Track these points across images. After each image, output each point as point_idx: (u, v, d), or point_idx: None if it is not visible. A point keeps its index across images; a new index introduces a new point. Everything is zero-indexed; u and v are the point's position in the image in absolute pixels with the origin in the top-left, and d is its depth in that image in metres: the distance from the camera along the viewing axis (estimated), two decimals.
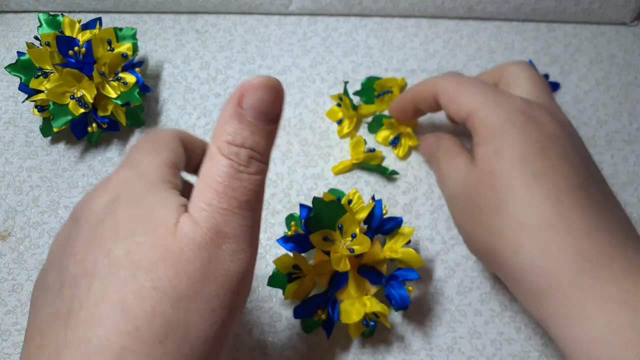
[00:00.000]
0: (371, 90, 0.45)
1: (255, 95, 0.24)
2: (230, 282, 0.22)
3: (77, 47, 0.40)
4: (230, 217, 0.22)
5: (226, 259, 0.22)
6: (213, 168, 0.22)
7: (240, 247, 0.22)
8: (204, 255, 0.21)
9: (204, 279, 0.21)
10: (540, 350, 0.37)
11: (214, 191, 0.22)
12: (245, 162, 0.22)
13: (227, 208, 0.22)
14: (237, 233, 0.22)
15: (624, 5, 0.49)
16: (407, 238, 0.35)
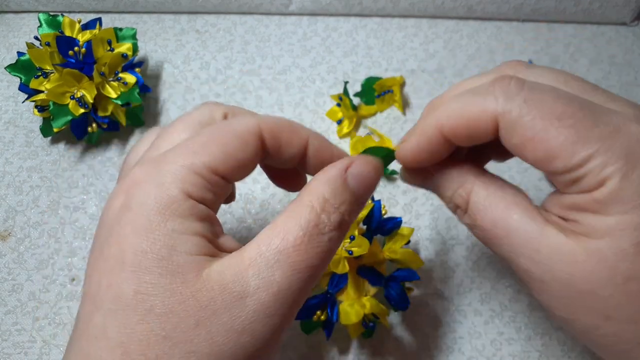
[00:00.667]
0: (371, 91, 0.45)
1: (363, 166, 0.22)
2: (253, 346, 0.19)
3: (77, 47, 0.40)
4: (289, 276, 0.19)
5: (259, 318, 0.19)
6: (295, 218, 0.20)
7: (278, 312, 0.19)
8: (236, 310, 0.18)
9: (225, 336, 0.18)
10: (540, 350, 0.37)
11: (287, 243, 0.19)
12: (334, 225, 0.21)
13: (292, 266, 0.19)
14: (285, 295, 0.19)
15: (624, 5, 0.49)
16: (407, 239, 0.35)
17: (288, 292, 0.19)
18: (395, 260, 0.35)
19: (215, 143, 0.21)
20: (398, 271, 0.34)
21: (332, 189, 0.21)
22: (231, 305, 0.18)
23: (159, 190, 0.19)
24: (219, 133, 0.21)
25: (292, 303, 0.19)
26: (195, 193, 0.20)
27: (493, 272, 0.39)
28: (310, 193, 0.21)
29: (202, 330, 0.18)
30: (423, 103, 0.46)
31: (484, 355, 0.37)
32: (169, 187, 0.19)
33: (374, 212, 0.35)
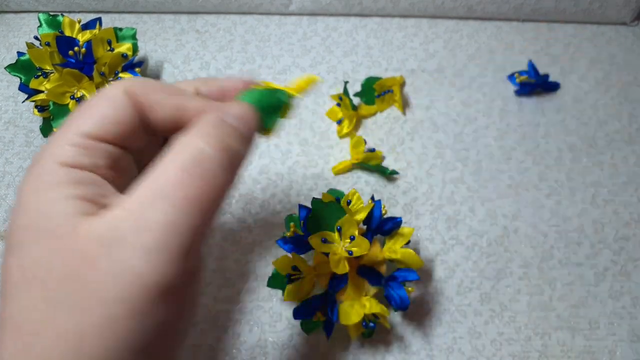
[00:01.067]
0: (371, 91, 0.45)
1: (238, 107, 0.23)
2: (142, 288, 0.18)
3: (77, 47, 0.40)
4: (167, 212, 0.18)
5: (138, 258, 0.18)
6: (172, 156, 0.20)
7: (162, 249, 0.18)
8: (113, 255, 0.18)
9: (107, 282, 0.18)
10: (540, 350, 0.37)
11: (161, 181, 0.19)
12: (216, 152, 0.20)
13: (169, 202, 0.19)
14: (165, 231, 0.18)
15: (624, 5, 0.49)
16: (407, 238, 0.35)
17: (170, 229, 0.18)
18: (395, 260, 0.35)
19: (85, 110, 0.22)
20: (398, 271, 0.34)
21: (211, 124, 0.21)
22: (108, 251, 0.18)
23: (36, 167, 0.20)
24: (89, 101, 0.22)
25: (179, 239, 0.18)
26: (68, 160, 0.20)
27: (493, 272, 0.39)
28: (191, 130, 0.21)
29: (82, 281, 0.18)
30: (423, 103, 0.46)
31: (484, 355, 0.37)
32: (44, 162, 0.20)
33: (374, 212, 0.35)
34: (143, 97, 0.22)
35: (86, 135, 0.21)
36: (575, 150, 0.44)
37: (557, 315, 0.38)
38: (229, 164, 0.20)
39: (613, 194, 0.43)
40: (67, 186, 0.20)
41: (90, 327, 0.18)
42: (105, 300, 0.18)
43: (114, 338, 0.18)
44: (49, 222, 0.19)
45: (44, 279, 0.18)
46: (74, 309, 0.18)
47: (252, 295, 0.38)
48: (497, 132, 0.45)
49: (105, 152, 0.21)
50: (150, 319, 0.18)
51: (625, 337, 0.38)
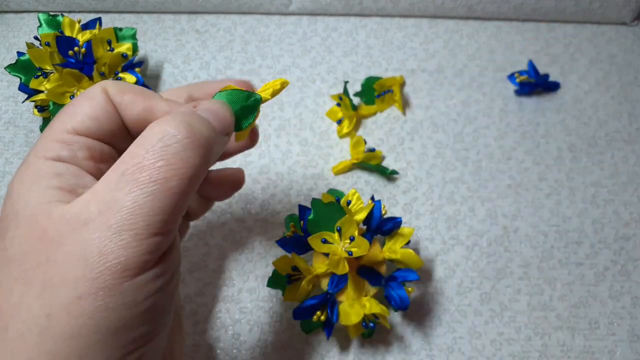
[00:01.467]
0: (371, 91, 0.45)
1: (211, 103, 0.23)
2: (110, 267, 0.18)
3: (77, 47, 0.40)
4: (133, 193, 0.19)
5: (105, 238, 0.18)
6: (139, 141, 0.20)
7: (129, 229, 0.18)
8: (81, 236, 0.19)
9: (74, 262, 0.18)
10: (540, 350, 0.37)
11: (128, 164, 0.19)
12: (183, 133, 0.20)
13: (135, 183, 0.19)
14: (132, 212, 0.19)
15: (624, 5, 0.49)
16: (407, 239, 0.35)
17: (134, 210, 0.19)
18: (395, 260, 0.35)
19: (65, 109, 0.23)
20: (398, 271, 0.34)
21: (181, 112, 0.21)
22: (76, 232, 0.19)
23: (22, 164, 0.22)
24: (69, 102, 0.23)
25: (143, 220, 0.19)
26: (49, 154, 0.21)
27: (493, 272, 0.39)
28: (159, 119, 0.21)
29: (52, 261, 0.18)
30: (423, 103, 0.46)
31: (484, 355, 0.37)
32: (28, 158, 0.22)
33: (374, 212, 0.35)
34: (116, 97, 0.23)
35: (66, 130, 0.22)
36: (575, 150, 0.44)
37: (557, 315, 0.38)
38: (196, 146, 0.20)
39: (613, 194, 0.43)
40: (47, 178, 0.21)
41: (58, 306, 0.18)
42: (71, 280, 0.18)
43: (82, 317, 0.18)
44: (28, 209, 0.20)
45: (21, 261, 0.19)
46: (44, 289, 0.18)
47: (252, 295, 0.38)
48: (497, 132, 0.45)
49: (84, 145, 0.22)
50: (115, 299, 0.19)
51: (625, 337, 0.38)
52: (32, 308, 0.18)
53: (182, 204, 0.20)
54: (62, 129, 0.22)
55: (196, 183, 0.21)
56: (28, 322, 0.18)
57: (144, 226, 0.19)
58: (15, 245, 0.20)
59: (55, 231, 0.19)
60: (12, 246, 0.20)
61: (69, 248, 0.19)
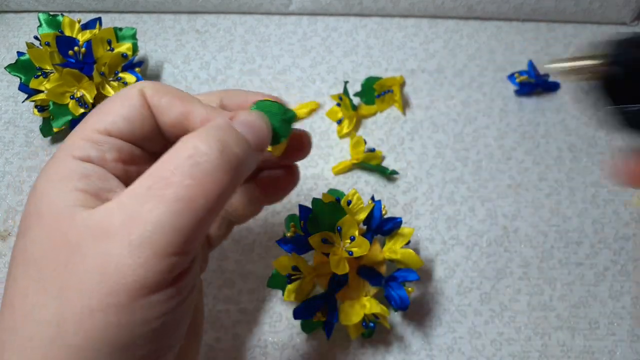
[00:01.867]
0: (371, 91, 0.45)
1: (249, 115, 0.22)
2: (128, 281, 0.18)
3: (77, 47, 0.40)
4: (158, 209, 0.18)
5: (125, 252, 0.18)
6: (169, 154, 0.20)
7: (149, 247, 0.18)
8: (102, 246, 0.18)
9: (93, 272, 0.18)
10: (540, 350, 0.37)
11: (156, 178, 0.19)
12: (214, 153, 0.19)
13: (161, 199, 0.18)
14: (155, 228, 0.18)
15: (624, 5, 0.49)
16: (407, 239, 0.35)
17: (157, 227, 0.18)
18: (395, 260, 0.35)
19: (99, 108, 0.22)
20: (398, 271, 0.34)
21: (216, 126, 0.20)
22: (97, 242, 0.18)
23: (50, 161, 0.21)
24: (105, 101, 0.23)
25: (165, 238, 0.18)
26: (78, 153, 0.21)
27: (493, 272, 0.39)
28: (192, 133, 0.20)
29: (69, 269, 0.18)
30: (423, 103, 0.46)
31: (484, 355, 0.37)
32: (57, 155, 0.21)
33: (374, 212, 0.35)
34: (153, 99, 0.23)
35: (97, 130, 0.22)
36: (575, 150, 0.44)
37: (557, 315, 0.38)
38: (227, 166, 0.20)
39: (613, 194, 0.43)
40: (73, 178, 0.20)
41: (71, 316, 0.18)
42: (86, 291, 0.18)
43: (92, 330, 0.18)
44: (51, 210, 0.20)
45: (39, 263, 0.19)
46: (58, 296, 0.18)
47: (252, 295, 0.38)
48: (497, 132, 0.45)
49: (115, 147, 0.22)
50: (127, 316, 0.18)
51: (625, 337, 0.38)
52: (44, 313, 0.18)
53: (206, 224, 0.20)
54: (93, 128, 0.22)
55: (223, 203, 0.20)
56: (39, 326, 0.18)
57: (165, 244, 0.18)
58: (35, 246, 0.19)
59: (76, 237, 0.19)
60: (33, 246, 0.19)
61: (87, 257, 0.18)
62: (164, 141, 0.24)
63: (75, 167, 0.21)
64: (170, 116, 0.23)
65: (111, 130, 0.22)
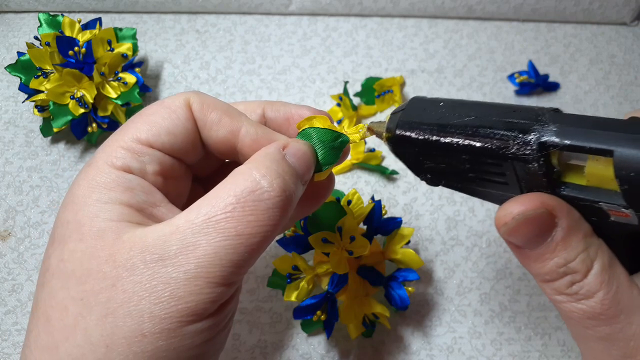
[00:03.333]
0: (371, 91, 0.45)
1: (299, 145, 0.22)
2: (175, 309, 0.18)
3: (77, 47, 0.40)
4: (216, 243, 0.18)
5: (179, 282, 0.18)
6: (231, 185, 0.19)
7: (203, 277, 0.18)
8: (154, 271, 0.18)
9: (142, 296, 0.18)
10: (540, 350, 0.37)
11: (216, 209, 0.19)
12: (276, 191, 0.19)
13: (220, 232, 0.18)
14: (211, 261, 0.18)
15: (624, 5, 0.49)
16: (407, 239, 0.35)
17: (214, 259, 0.18)
18: (395, 260, 0.35)
19: (142, 116, 0.22)
20: (398, 271, 0.34)
21: (272, 159, 0.20)
22: (148, 266, 0.18)
23: (90, 167, 0.21)
24: (148, 108, 0.22)
25: (220, 270, 0.18)
26: (119, 163, 0.21)
27: (493, 272, 0.39)
28: (250, 162, 0.20)
29: (119, 290, 0.18)
30: None
31: (484, 355, 0.37)
32: (97, 162, 0.21)
33: (374, 213, 0.35)
34: (200, 113, 0.22)
35: (138, 140, 0.21)
36: None
37: (557, 315, 0.38)
38: (283, 203, 0.20)
39: None
40: (115, 190, 0.20)
41: (120, 338, 0.18)
42: (138, 315, 0.18)
43: (141, 354, 0.18)
44: (93, 223, 0.19)
45: (81, 279, 0.18)
46: (106, 318, 0.18)
47: (252, 295, 0.38)
48: None
49: (156, 159, 0.22)
50: (176, 341, 0.18)
51: None
52: (90, 335, 0.18)
53: (257, 257, 0.20)
54: (134, 138, 0.21)
55: (275, 237, 0.21)
56: (84, 348, 0.18)
57: (220, 276, 0.18)
58: (76, 259, 0.19)
59: (125, 257, 0.18)
60: (72, 260, 0.19)
61: (139, 280, 0.18)
62: (203, 153, 0.24)
63: (117, 178, 0.20)
64: (219, 134, 0.22)
65: (154, 143, 0.22)
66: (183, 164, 0.23)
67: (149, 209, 0.21)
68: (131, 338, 0.18)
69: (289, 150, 0.22)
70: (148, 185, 0.21)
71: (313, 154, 0.23)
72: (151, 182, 0.21)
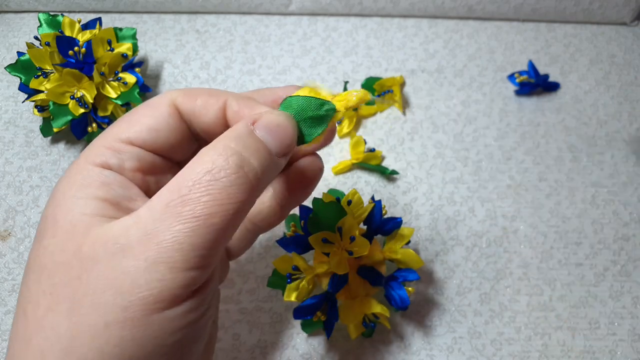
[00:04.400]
0: (371, 91, 0.45)
1: (273, 117, 0.21)
2: (141, 299, 0.18)
3: (77, 47, 0.40)
4: (175, 228, 0.18)
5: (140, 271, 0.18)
6: (189, 168, 0.19)
7: (165, 265, 0.18)
8: (116, 262, 0.18)
9: (106, 287, 0.18)
10: (540, 350, 0.37)
11: (174, 194, 0.19)
12: (232, 168, 0.19)
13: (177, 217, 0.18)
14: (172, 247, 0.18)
15: (624, 5, 0.49)
16: (407, 239, 0.35)
17: (173, 244, 0.18)
18: (395, 260, 0.35)
19: (126, 116, 0.22)
20: (398, 271, 0.34)
21: (234, 137, 0.20)
22: (111, 257, 0.18)
23: (72, 166, 0.21)
24: (134, 109, 0.23)
25: (182, 255, 0.18)
26: (98, 160, 0.21)
27: (493, 272, 0.39)
28: (215, 141, 0.20)
29: (84, 282, 0.18)
30: (423, 103, 0.46)
31: (484, 355, 0.37)
32: (79, 161, 0.21)
33: (374, 213, 0.35)
34: (186, 104, 0.22)
35: (119, 139, 0.22)
36: (575, 150, 0.44)
37: (557, 315, 0.38)
38: (245, 181, 0.19)
39: (613, 194, 0.43)
40: (91, 186, 0.20)
41: (84, 330, 0.18)
42: (101, 305, 0.18)
43: (105, 345, 0.18)
44: (67, 218, 0.20)
45: (52, 272, 0.19)
46: (72, 308, 0.18)
47: (252, 295, 0.38)
48: (497, 132, 0.45)
49: (135, 155, 0.22)
50: (142, 330, 0.18)
51: (625, 337, 0.38)
52: (57, 326, 0.18)
53: (223, 240, 0.20)
54: (115, 137, 0.22)
55: (240, 218, 0.20)
56: (51, 339, 0.18)
57: (181, 261, 0.18)
58: (48, 254, 0.19)
59: (91, 250, 0.19)
60: (46, 254, 0.19)
61: (102, 271, 0.18)
62: (191, 149, 0.24)
63: (94, 174, 0.21)
64: (209, 116, 0.22)
65: (134, 140, 0.22)
66: (168, 160, 0.24)
67: (125, 202, 0.21)
68: (95, 329, 0.18)
69: (259, 124, 0.21)
70: (125, 180, 0.21)
71: (290, 124, 0.22)
72: (129, 178, 0.22)
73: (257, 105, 0.23)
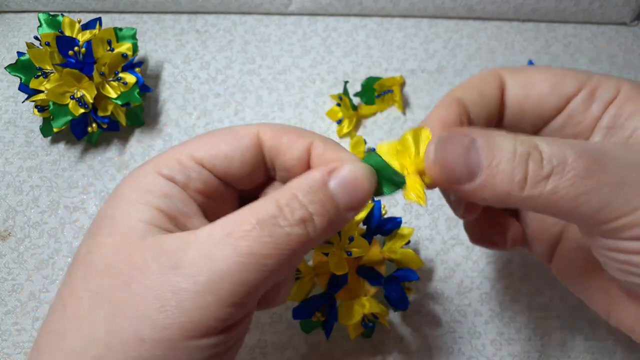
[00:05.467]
0: (371, 91, 0.45)
1: (351, 171, 0.21)
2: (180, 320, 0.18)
3: (77, 47, 0.40)
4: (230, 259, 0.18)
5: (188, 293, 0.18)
6: (255, 209, 0.19)
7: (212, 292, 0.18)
8: (165, 278, 0.18)
9: (150, 301, 0.18)
10: (540, 350, 0.37)
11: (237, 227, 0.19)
12: (295, 221, 0.19)
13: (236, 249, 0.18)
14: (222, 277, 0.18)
15: (624, 5, 0.49)
16: (407, 239, 0.35)
17: (225, 274, 0.18)
18: (395, 260, 0.35)
19: (208, 136, 0.22)
20: (398, 271, 0.34)
21: (306, 187, 0.20)
22: (162, 272, 0.18)
23: (139, 169, 0.21)
24: (218, 131, 0.23)
25: (231, 288, 0.18)
26: (165, 171, 0.21)
27: (493, 272, 0.39)
28: (282, 189, 0.20)
29: (131, 291, 0.18)
30: (423, 103, 0.46)
31: (484, 355, 0.37)
32: (146, 167, 0.21)
33: (373, 212, 0.35)
34: (273, 140, 0.22)
35: (193, 157, 0.22)
36: None
37: (557, 316, 0.38)
38: (304, 234, 0.20)
39: None
40: (154, 194, 0.20)
41: (119, 340, 0.18)
42: (142, 319, 0.18)
43: (137, 359, 0.18)
44: (123, 222, 0.20)
45: (101, 273, 0.19)
46: (113, 314, 0.18)
47: None
48: None
49: (202, 177, 0.22)
50: (173, 354, 0.18)
51: (625, 337, 0.38)
52: (95, 331, 0.18)
53: (270, 282, 0.20)
54: (189, 154, 0.22)
55: (293, 266, 0.21)
56: (86, 341, 0.18)
57: (229, 293, 0.18)
58: (101, 253, 0.19)
59: (142, 259, 0.19)
60: (98, 252, 0.19)
61: (150, 285, 0.18)
62: (258, 181, 0.24)
63: (159, 183, 0.21)
64: (293, 155, 0.22)
65: (206, 163, 0.22)
66: (232, 189, 0.24)
67: (182, 218, 0.21)
68: (130, 341, 0.18)
69: (335, 174, 0.21)
70: (186, 196, 0.21)
71: (368, 178, 0.21)
72: (190, 196, 0.22)
73: (342, 150, 0.23)
